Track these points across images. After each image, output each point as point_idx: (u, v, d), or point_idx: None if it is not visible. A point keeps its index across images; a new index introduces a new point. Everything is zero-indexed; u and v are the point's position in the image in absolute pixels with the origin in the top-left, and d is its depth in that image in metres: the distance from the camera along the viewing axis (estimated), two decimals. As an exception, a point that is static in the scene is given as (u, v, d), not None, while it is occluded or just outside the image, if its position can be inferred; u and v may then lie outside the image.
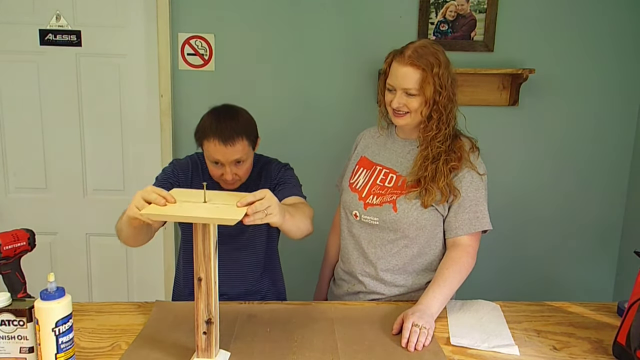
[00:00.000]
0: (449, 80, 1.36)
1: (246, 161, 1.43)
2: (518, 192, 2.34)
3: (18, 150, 2.25)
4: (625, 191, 2.35)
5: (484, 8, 2.17)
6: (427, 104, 1.36)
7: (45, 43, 2.15)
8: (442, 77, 1.34)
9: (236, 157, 1.39)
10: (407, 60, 1.34)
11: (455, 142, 1.41)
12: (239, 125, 1.40)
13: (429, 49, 1.36)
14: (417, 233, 1.39)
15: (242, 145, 1.39)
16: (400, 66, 1.35)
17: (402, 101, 1.36)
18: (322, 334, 1.19)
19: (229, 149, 1.37)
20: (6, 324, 0.98)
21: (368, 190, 1.45)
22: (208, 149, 1.40)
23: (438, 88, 1.34)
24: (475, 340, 1.19)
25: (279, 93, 2.22)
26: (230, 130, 1.38)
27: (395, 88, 1.37)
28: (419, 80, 1.34)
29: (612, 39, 2.22)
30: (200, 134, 1.42)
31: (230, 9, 2.16)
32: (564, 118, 2.28)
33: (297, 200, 1.42)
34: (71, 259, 2.33)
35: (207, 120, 1.42)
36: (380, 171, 1.46)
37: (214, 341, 1.04)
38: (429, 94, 1.34)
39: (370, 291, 1.46)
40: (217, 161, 1.40)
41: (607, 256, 2.41)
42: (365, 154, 1.54)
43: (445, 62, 1.36)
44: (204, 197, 1.05)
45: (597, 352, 1.16)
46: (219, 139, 1.37)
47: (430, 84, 1.34)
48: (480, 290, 1.70)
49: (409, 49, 1.37)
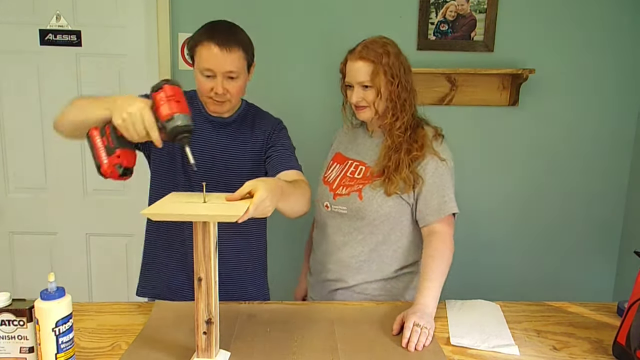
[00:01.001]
0: (401, 69, 1.41)
1: (239, 79, 1.36)
2: (518, 192, 2.34)
3: (18, 150, 2.25)
4: (625, 191, 2.35)
5: (484, 8, 2.17)
6: (379, 94, 1.40)
7: (45, 43, 2.15)
8: (392, 66, 1.39)
9: (230, 68, 1.32)
10: (357, 55, 1.41)
11: (418, 131, 1.45)
12: (238, 37, 1.35)
13: (377, 42, 1.42)
14: (382, 220, 1.43)
15: (238, 56, 1.33)
16: (352, 62, 1.42)
17: (360, 95, 1.42)
18: (322, 334, 1.19)
19: (224, 54, 1.30)
20: (6, 324, 0.98)
21: (338, 182, 1.50)
22: (201, 54, 1.32)
23: (389, 78, 1.39)
24: (475, 340, 1.19)
25: (279, 93, 2.22)
26: (228, 37, 1.32)
27: (352, 84, 1.43)
28: (369, 72, 1.39)
29: (612, 39, 2.22)
30: (195, 40, 1.35)
31: (230, 9, 2.16)
32: (564, 118, 2.28)
33: (296, 176, 1.36)
34: (71, 259, 2.33)
35: (204, 28, 1.36)
36: (351, 164, 1.52)
37: (214, 341, 1.03)
38: (382, 84, 1.40)
39: (337, 279, 1.49)
40: (210, 70, 1.32)
41: (607, 256, 2.41)
42: (339, 150, 1.60)
43: (395, 53, 1.41)
44: (203, 198, 1.05)
45: (597, 352, 1.16)
46: (214, 43, 1.30)
47: (381, 74, 1.39)
48: (480, 290, 1.70)
49: (359, 45, 1.43)
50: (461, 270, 2.37)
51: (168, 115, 1.07)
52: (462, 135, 2.29)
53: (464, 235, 2.37)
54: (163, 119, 1.08)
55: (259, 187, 1.02)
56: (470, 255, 2.37)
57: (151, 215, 0.97)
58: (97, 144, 1.13)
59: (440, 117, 2.26)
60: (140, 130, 1.07)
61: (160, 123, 1.08)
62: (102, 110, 1.13)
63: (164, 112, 1.08)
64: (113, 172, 1.14)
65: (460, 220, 2.34)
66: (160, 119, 1.08)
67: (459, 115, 2.26)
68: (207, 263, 1.00)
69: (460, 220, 2.34)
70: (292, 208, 1.21)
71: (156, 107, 1.08)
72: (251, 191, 1.04)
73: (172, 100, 1.08)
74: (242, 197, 1.03)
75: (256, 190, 1.02)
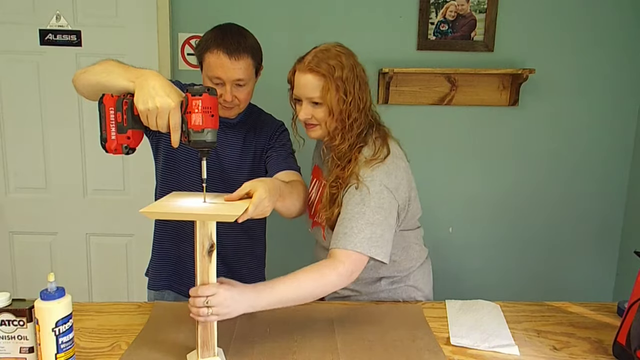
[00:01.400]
0: (356, 84, 1.24)
1: (247, 85, 1.34)
2: (518, 192, 2.34)
3: (18, 150, 2.25)
4: (625, 191, 2.35)
5: (484, 8, 2.17)
6: (331, 113, 1.24)
7: (45, 43, 2.15)
8: (346, 81, 1.23)
9: (239, 76, 1.30)
10: (307, 67, 1.24)
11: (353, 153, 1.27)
12: (246, 43, 1.31)
13: (330, 51, 1.25)
14: None
15: (247, 63, 1.30)
16: (301, 74, 1.25)
17: (309, 112, 1.26)
18: (322, 334, 1.19)
19: (233, 63, 1.28)
20: (6, 324, 0.98)
21: (315, 205, 1.38)
22: (210, 62, 1.29)
23: (342, 95, 1.23)
24: (475, 340, 1.19)
25: (278, 92, 2.21)
26: (237, 44, 1.28)
27: (301, 98, 1.27)
28: (320, 88, 1.23)
29: (612, 38, 2.22)
30: (203, 46, 1.31)
31: (230, 9, 2.16)
32: (564, 118, 2.28)
33: (294, 177, 1.35)
34: (71, 259, 2.33)
35: (213, 33, 1.32)
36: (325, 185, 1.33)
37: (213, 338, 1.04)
38: (333, 102, 1.22)
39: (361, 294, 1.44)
40: (218, 78, 1.30)
41: (607, 256, 2.41)
42: (317, 163, 1.47)
43: (350, 65, 1.24)
44: (203, 198, 1.06)
45: (597, 352, 1.16)
46: (223, 51, 1.27)
47: (333, 90, 1.22)
48: (480, 290, 1.70)
49: (310, 54, 1.27)
50: (461, 271, 2.38)
51: (199, 127, 1.03)
52: (462, 135, 2.29)
53: (463, 235, 2.38)
54: (192, 127, 1.04)
55: (258, 187, 1.03)
56: (470, 255, 2.37)
57: (150, 214, 0.97)
58: (109, 117, 1.06)
59: (440, 117, 2.29)
60: (162, 126, 1.04)
61: (185, 127, 1.04)
62: (126, 82, 1.08)
63: (195, 122, 1.03)
64: (118, 150, 1.08)
65: (460, 220, 2.36)
66: (188, 124, 1.04)
67: (459, 115, 2.26)
68: (206, 262, 1.00)
69: (460, 220, 2.36)
70: (289, 208, 1.22)
71: (188, 111, 1.04)
72: (250, 191, 1.04)
73: (207, 113, 1.03)
74: (241, 198, 1.04)
75: (255, 190, 1.03)
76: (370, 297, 1.44)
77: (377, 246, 1.20)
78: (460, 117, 2.26)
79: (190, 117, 1.04)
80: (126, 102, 1.06)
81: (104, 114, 1.06)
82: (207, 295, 1.00)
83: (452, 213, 2.33)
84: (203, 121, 1.03)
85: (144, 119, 1.04)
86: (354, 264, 1.19)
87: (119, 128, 1.06)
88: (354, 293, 1.45)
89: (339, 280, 1.16)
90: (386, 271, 1.41)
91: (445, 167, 2.30)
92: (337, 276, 1.16)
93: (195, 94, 1.03)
